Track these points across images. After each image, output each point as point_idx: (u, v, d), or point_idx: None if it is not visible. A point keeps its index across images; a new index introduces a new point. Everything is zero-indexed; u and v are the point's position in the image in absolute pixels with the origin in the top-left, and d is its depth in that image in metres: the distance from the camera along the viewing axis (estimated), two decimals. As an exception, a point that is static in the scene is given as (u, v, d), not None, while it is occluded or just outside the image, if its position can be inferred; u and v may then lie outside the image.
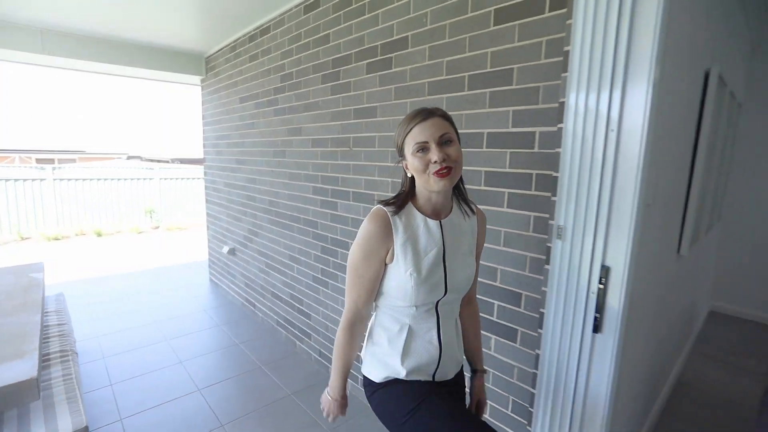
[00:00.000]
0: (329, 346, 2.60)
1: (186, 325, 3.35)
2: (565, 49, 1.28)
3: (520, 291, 1.52)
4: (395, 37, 1.92)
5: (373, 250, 1.00)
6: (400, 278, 1.00)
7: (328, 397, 1.15)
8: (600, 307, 1.23)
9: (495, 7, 1.53)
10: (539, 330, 1.42)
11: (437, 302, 1.05)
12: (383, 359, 1.08)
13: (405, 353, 1.05)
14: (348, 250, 2.30)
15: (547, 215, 1.38)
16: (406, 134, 0.98)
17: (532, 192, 1.44)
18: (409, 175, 1.02)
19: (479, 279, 1.63)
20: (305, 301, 2.80)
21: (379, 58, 2.02)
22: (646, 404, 2.00)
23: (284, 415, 2.23)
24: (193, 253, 5.83)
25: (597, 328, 1.25)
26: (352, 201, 2.28)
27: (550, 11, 1.38)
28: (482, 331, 1.66)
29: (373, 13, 2.04)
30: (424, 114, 0.98)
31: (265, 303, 3.34)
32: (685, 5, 1.39)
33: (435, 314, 1.06)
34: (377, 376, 1.10)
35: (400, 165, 1.05)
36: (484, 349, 1.68)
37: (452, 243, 1.05)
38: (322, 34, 2.38)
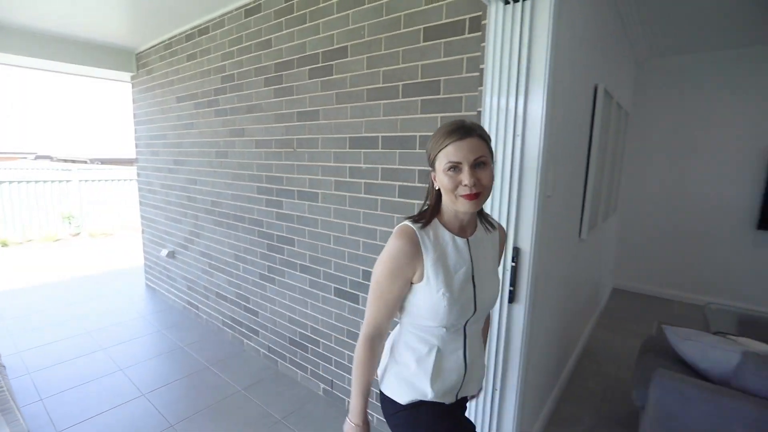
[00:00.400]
0: (279, 342, 2.68)
1: (123, 332, 3.22)
2: (481, 66, 1.53)
3: (451, 273, 1.75)
4: (336, 46, 2.08)
5: (400, 269, 0.96)
6: (431, 298, 0.97)
7: (351, 424, 1.05)
8: (514, 282, 1.49)
9: (424, 25, 1.74)
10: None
11: (466, 322, 1.03)
12: (410, 380, 1.04)
13: (435, 376, 1.02)
14: (294, 246, 2.43)
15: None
16: (440, 149, 0.94)
17: (458, 187, 1.67)
18: (436, 187, 0.99)
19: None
20: (252, 299, 2.86)
21: (320, 64, 2.16)
22: (559, 364, 2.36)
23: (236, 409, 2.29)
24: (123, 259, 5.51)
25: (512, 298, 1.51)
26: (297, 199, 2.40)
27: (469, 33, 1.62)
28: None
29: (314, 23, 2.17)
30: (462, 132, 0.92)
31: (209, 304, 3.32)
32: (575, 33, 1.70)
33: (463, 334, 1.04)
34: (402, 397, 1.05)
35: (430, 176, 1.01)
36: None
37: (479, 260, 1.03)
38: (264, 39, 2.46)
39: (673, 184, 4.05)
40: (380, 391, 1.11)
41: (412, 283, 0.99)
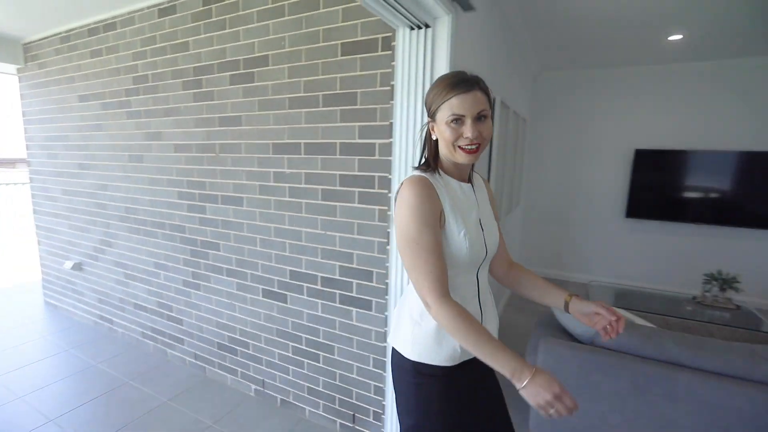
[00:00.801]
0: (206, 348, 2.66)
1: (20, 357, 2.92)
2: (392, 83, 1.72)
3: (372, 269, 1.93)
4: (257, 54, 2.14)
5: (427, 215, 0.93)
6: (454, 241, 0.97)
7: (529, 384, 0.83)
8: (425, 272, 1.71)
9: (341, 41, 1.89)
10: (386, 297, 1.85)
11: (478, 267, 1.04)
12: (437, 339, 1.01)
13: None
14: (220, 251, 2.44)
15: (386, 208, 1.81)
16: (444, 101, 0.94)
17: (376, 190, 1.85)
18: (434, 137, 1.01)
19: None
20: (175, 306, 2.78)
21: (242, 71, 2.20)
22: (470, 346, 2.67)
23: (162, 421, 2.24)
24: (9, 275, 4.88)
25: (424, 287, 1.72)
26: (221, 204, 2.40)
27: (382, 51, 1.80)
28: (344, 306, 2.04)
29: (234, 29, 2.20)
30: (466, 86, 0.93)
31: (125, 316, 3.14)
32: (475, 53, 1.97)
33: (476, 280, 1.05)
34: (434, 358, 1.02)
35: (431, 127, 1.02)
36: (347, 321, 2.05)
37: (482, 204, 1.08)
38: (180, 41, 2.42)
39: (563, 180, 4.69)
40: (398, 358, 1.07)
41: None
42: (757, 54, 3.64)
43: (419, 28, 1.59)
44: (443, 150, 1.00)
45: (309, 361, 2.25)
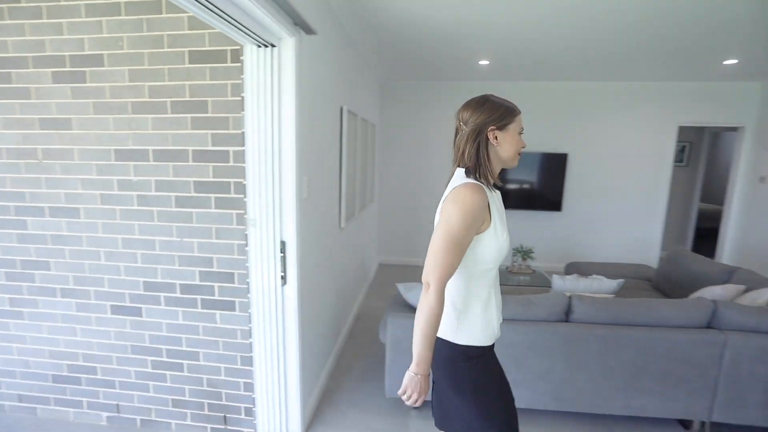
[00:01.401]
0: (36, 385, 2.31)
1: None
2: (242, 94, 1.83)
3: (233, 271, 2.01)
4: (88, 53, 1.97)
5: (475, 221, 1.09)
6: (497, 242, 1.15)
7: (415, 376, 1.09)
8: (284, 268, 1.88)
9: (189, 49, 1.91)
10: (248, 295, 1.96)
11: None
12: (482, 324, 1.18)
13: (498, 315, 1.24)
14: (51, 270, 2.17)
15: (243, 211, 1.92)
16: (515, 117, 1.19)
17: (232, 195, 1.94)
18: (492, 146, 1.18)
19: (201, 268, 2.01)
20: (-12, 341, 2.34)
21: (69, 69, 2.00)
22: (334, 333, 2.93)
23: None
24: None
25: (284, 281, 1.90)
26: (49, 217, 2.14)
27: (231, 62, 1.89)
28: (207, 310, 2.08)
29: (54, 20, 1.98)
30: (517, 109, 1.22)
31: None
32: (322, 68, 2.20)
33: (498, 276, 1.26)
34: (480, 341, 1.18)
35: (484, 138, 1.17)
36: (211, 324, 2.09)
37: (503, 209, 1.28)
38: (-25, 28, 2.05)
39: (413, 177, 5.36)
40: (445, 348, 1.19)
41: (476, 234, 1.13)
42: (547, 79, 4.80)
43: (266, 46, 1.75)
44: (502, 156, 1.19)
45: (172, 373, 2.20)
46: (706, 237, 6.12)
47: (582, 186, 5.17)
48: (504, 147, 1.19)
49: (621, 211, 5.20)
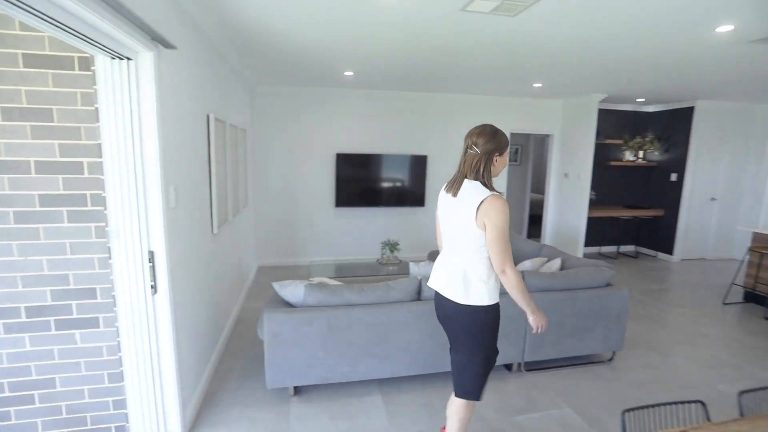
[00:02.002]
0: None
1: None
2: (96, 105, 1.78)
3: (95, 286, 1.94)
4: None
5: (509, 220, 1.63)
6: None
7: (537, 317, 1.74)
8: (153, 277, 1.90)
9: (23, 51, 1.76)
10: (114, 309, 1.92)
11: None
12: (494, 291, 1.71)
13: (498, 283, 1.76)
14: None
15: (103, 224, 1.87)
16: (507, 148, 1.73)
17: (90, 208, 1.87)
18: (494, 165, 1.70)
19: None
20: None
21: None
22: (213, 338, 2.94)
23: None
24: None
25: (155, 290, 1.91)
26: None
27: (79, 70, 1.81)
28: (64, 330, 1.96)
29: None
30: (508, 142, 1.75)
31: None
32: (186, 80, 2.22)
33: None
34: (493, 300, 1.70)
35: (492, 160, 1.69)
36: (70, 346, 1.97)
37: None
38: None
39: (286, 179, 5.47)
40: (475, 310, 1.69)
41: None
42: (408, 90, 5.38)
43: (121, 59, 1.74)
44: (495, 173, 1.72)
45: (18, 408, 2.00)
46: (537, 221, 7.60)
47: (440, 183, 5.93)
48: (498, 167, 1.73)
49: (471, 203, 6.14)
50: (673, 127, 6.28)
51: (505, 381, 2.82)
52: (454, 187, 1.74)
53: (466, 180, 1.70)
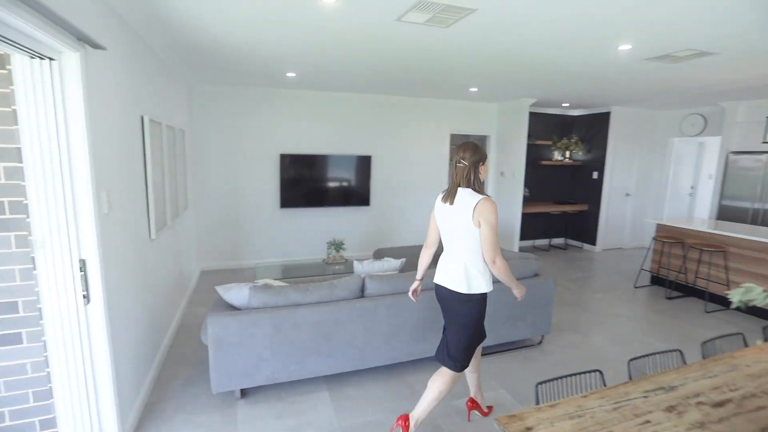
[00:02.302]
0: None
1: None
2: (13, 107, 1.68)
3: (17, 299, 1.82)
4: None
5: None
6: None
7: (521, 289, 2.15)
8: (86, 287, 1.83)
9: None
10: (40, 322, 1.82)
11: None
12: (488, 280, 2.03)
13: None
14: None
15: (26, 233, 1.77)
16: (487, 158, 2.03)
17: (8, 216, 1.75)
18: (481, 173, 2.00)
19: None
20: None
21: None
22: (153, 346, 2.84)
23: None
24: None
25: (87, 300, 1.84)
26: None
27: (-9, 69, 1.69)
28: (-17, 347, 1.82)
29: None
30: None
31: None
32: (118, 80, 2.13)
33: None
34: (488, 288, 2.03)
35: (478, 170, 2.00)
36: (-11, 362, 1.84)
37: None
38: None
39: (227, 182, 5.33)
40: (473, 297, 2.02)
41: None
42: (351, 91, 5.44)
43: (42, 58, 1.66)
44: (482, 179, 2.02)
45: (-74, 435, 1.83)
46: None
47: (384, 182, 6.11)
48: (483, 174, 2.03)
49: (415, 201, 6.36)
50: (593, 129, 6.92)
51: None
52: (449, 196, 2.01)
53: (459, 188, 1.99)
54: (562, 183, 7.36)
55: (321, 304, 2.58)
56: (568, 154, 7.11)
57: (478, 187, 1.98)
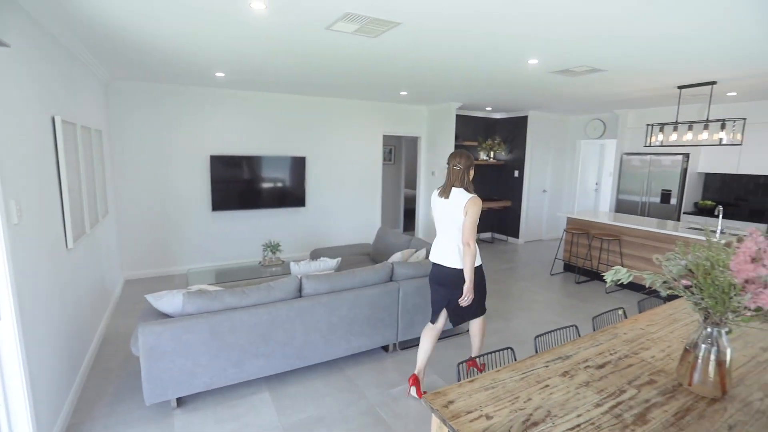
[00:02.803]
0: None
1: None
2: None
3: None
4: None
5: (480, 212, 2.48)
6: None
7: (470, 291, 2.52)
8: (-4, 304, 1.71)
9: None
10: (-57, 343, 1.66)
11: None
12: (478, 256, 2.58)
13: None
14: None
15: None
16: (474, 162, 2.60)
17: None
18: (470, 175, 2.56)
19: None
20: None
21: None
22: (74, 364, 2.66)
23: None
24: None
25: (-2, 318, 1.72)
26: None
27: None
28: None
29: None
30: None
31: None
32: (23, 79, 1.98)
33: None
34: (479, 262, 2.62)
35: (469, 173, 2.56)
36: None
37: None
38: None
39: (154, 184, 5.04)
40: (460, 270, 2.53)
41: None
42: (284, 92, 5.39)
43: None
44: (471, 179, 2.56)
45: None
46: (412, 215, 8.33)
47: (320, 183, 6.16)
48: (471, 175, 2.57)
49: (351, 202, 6.49)
50: (514, 132, 7.55)
51: (382, 361, 3.17)
52: (445, 192, 2.56)
53: (454, 187, 2.53)
54: (488, 181, 7.93)
55: (258, 306, 2.60)
56: (492, 154, 7.68)
57: (468, 186, 2.54)
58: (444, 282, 2.61)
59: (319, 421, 2.45)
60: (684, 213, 5.98)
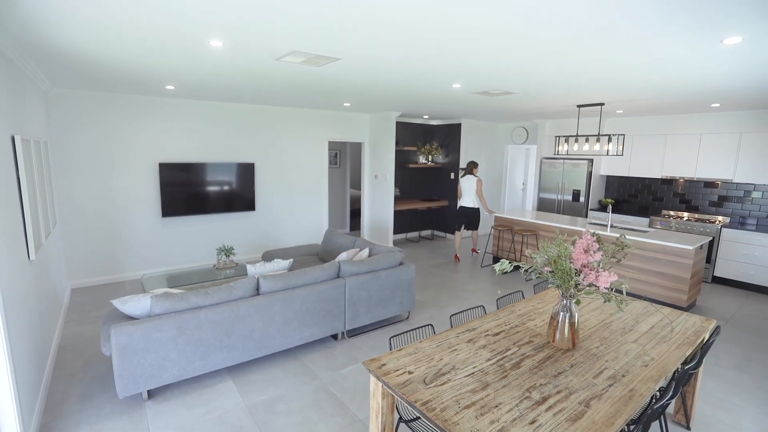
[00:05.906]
0: None
1: None
2: None
3: None
4: None
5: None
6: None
7: (486, 208, 6.62)
8: (-13, 312, 1.93)
9: None
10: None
11: None
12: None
13: None
14: None
15: None
16: (477, 164, 6.90)
17: None
18: (477, 171, 6.53)
19: None
20: None
21: None
22: (39, 370, 2.82)
23: None
24: None
25: (-12, 325, 1.94)
26: None
27: None
28: None
29: None
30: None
31: None
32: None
33: None
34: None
35: (476, 168, 6.44)
36: None
37: None
38: None
39: (101, 192, 5.05)
40: (477, 210, 6.59)
41: None
42: (233, 101, 5.59)
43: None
44: (477, 173, 6.52)
45: None
46: (358, 215, 8.80)
47: (269, 188, 6.43)
48: (477, 171, 6.41)
49: (299, 204, 6.82)
50: (449, 137, 8.27)
51: (332, 348, 3.62)
52: (465, 174, 6.33)
53: (469, 174, 6.32)
54: (427, 183, 8.60)
55: (221, 304, 2.94)
56: (430, 158, 8.35)
57: (477, 174, 6.07)
58: (468, 213, 6.39)
59: (278, 400, 2.85)
60: (591, 210, 7.03)
